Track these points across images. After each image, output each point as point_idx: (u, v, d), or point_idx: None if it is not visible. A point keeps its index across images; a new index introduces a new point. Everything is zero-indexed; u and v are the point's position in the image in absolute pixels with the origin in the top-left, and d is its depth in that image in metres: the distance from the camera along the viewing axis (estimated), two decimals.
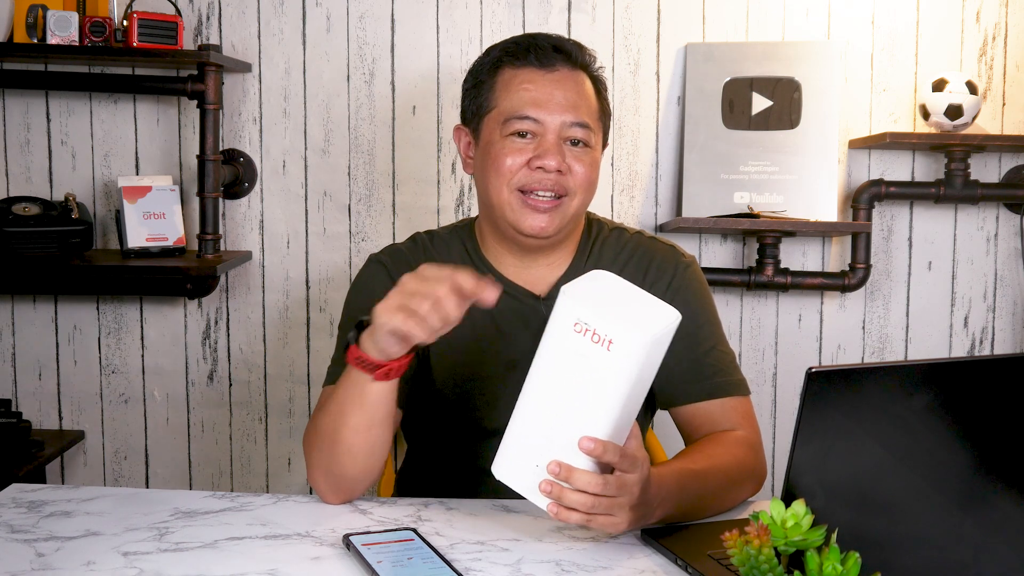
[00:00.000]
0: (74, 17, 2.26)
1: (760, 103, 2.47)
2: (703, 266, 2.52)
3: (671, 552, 1.20)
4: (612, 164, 2.52)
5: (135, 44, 2.28)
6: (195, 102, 2.39)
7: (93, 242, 2.42)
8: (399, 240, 2.50)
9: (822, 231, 2.47)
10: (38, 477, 2.32)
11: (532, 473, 1.16)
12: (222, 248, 2.50)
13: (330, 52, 2.49)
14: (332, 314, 2.53)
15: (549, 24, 2.48)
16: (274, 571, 1.16)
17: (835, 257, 2.56)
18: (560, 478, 1.14)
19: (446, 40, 2.49)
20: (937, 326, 2.58)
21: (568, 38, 1.54)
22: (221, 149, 2.44)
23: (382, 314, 1.21)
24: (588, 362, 1.10)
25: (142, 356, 2.55)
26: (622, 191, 2.53)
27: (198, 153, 2.37)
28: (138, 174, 2.50)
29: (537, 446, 1.15)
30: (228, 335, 2.55)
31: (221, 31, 2.48)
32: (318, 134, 2.51)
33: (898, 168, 2.55)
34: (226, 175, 2.44)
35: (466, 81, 1.55)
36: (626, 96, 2.51)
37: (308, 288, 2.54)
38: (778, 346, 2.57)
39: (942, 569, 1.06)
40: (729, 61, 2.48)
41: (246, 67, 2.47)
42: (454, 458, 1.56)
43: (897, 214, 2.56)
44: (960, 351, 2.59)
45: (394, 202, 2.52)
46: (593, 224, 1.59)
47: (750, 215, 2.43)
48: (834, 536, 0.92)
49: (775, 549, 0.93)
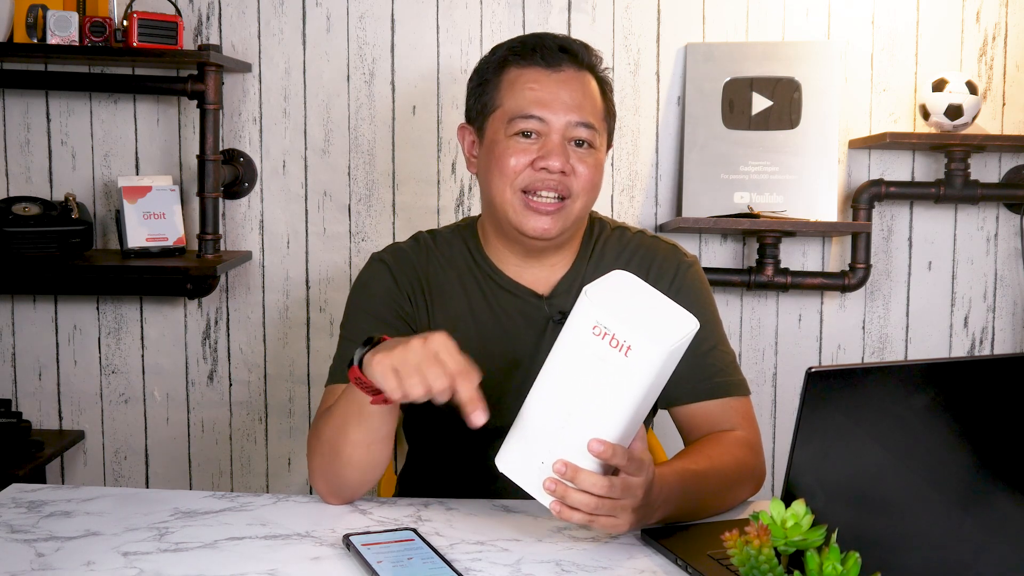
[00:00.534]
0: (74, 17, 2.26)
1: (760, 103, 2.47)
2: (703, 266, 2.51)
3: (671, 552, 1.20)
4: (612, 164, 2.52)
5: (135, 44, 2.28)
6: (195, 102, 2.39)
7: (93, 242, 2.42)
8: (399, 240, 2.51)
9: (822, 231, 2.47)
10: (38, 477, 2.32)
11: (537, 470, 1.16)
12: (222, 248, 2.50)
13: (330, 52, 2.49)
14: (332, 314, 2.53)
15: (549, 24, 2.48)
16: (274, 571, 1.16)
17: (835, 257, 2.56)
18: (566, 478, 1.14)
19: (446, 40, 2.49)
20: (937, 326, 2.58)
21: (575, 39, 1.54)
22: (221, 149, 2.44)
23: (377, 366, 1.17)
24: (604, 366, 1.10)
25: (142, 356, 2.55)
26: (622, 191, 2.53)
27: (198, 153, 2.37)
28: (138, 174, 2.50)
29: (544, 443, 1.15)
30: (228, 335, 2.55)
31: (221, 31, 2.48)
32: (318, 134, 2.51)
33: (898, 168, 2.55)
34: (226, 175, 2.44)
35: (471, 80, 1.54)
36: (626, 96, 2.51)
37: (308, 288, 2.54)
38: (778, 346, 2.57)
39: (942, 569, 1.06)
40: (729, 61, 2.48)
41: (246, 67, 2.47)
42: (455, 458, 1.56)
43: (897, 214, 2.56)
44: (960, 351, 2.59)
45: (394, 202, 2.52)
46: (596, 223, 1.59)
47: (750, 215, 2.43)
48: (834, 536, 0.92)
49: (775, 549, 0.93)
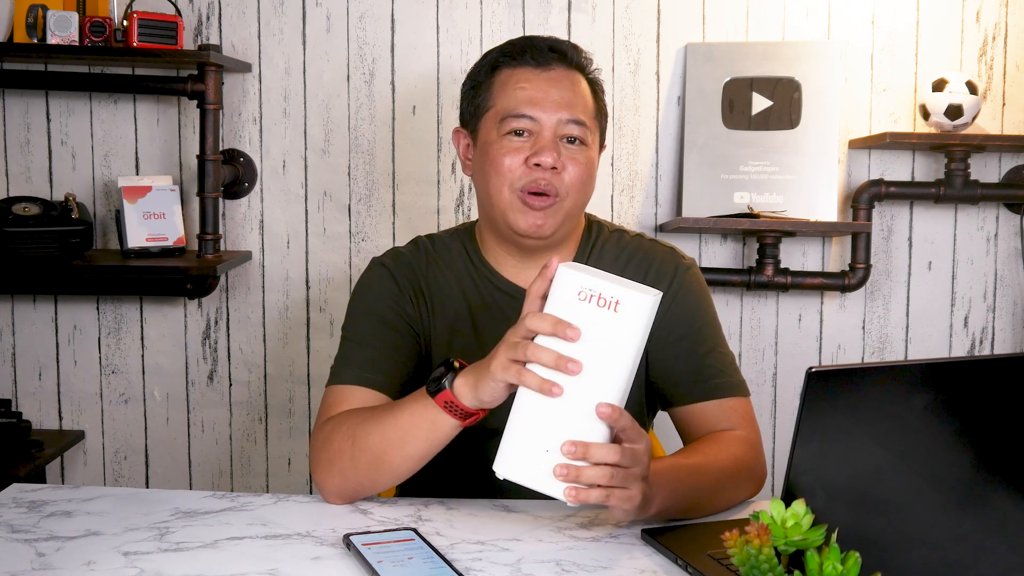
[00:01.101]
0: (74, 17, 2.26)
1: (760, 103, 2.47)
2: (703, 266, 2.52)
3: (671, 552, 1.20)
4: (612, 164, 2.52)
5: (135, 44, 2.28)
6: (195, 102, 2.39)
7: (93, 242, 2.42)
8: (399, 240, 2.52)
9: (822, 231, 2.47)
10: (38, 477, 2.32)
11: (543, 461, 1.15)
12: (222, 248, 2.51)
13: (330, 52, 2.49)
14: (332, 314, 2.53)
15: (549, 24, 2.48)
16: (274, 571, 1.16)
17: (835, 257, 2.56)
18: (577, 456, 1.13)
19: (446, 40, 2.49)
20: (937, 326, 2.58)
21: (565, 40, 1.55)
22: (221, 149, 2.44)
23: (498, 370, 1.19)
24: (596, 328, 1.13)
25: (142, 356, 2.55)
26: (622, 191, 2.53)
27: (198, 153, 2.37)
28: (138, 174, 2.50)
29: (545, 431, 1.15)
30: (228, 335, 2.55)
31: (221, 31, 2.48)
32: (318, 134, 2.51)
33: (898, 168, 2.55)
34: (226, 175, 2.44)
35: (464, 84, 1.56)
36: (626, 96, 2.51)
37: (308, 288, 2.54)
38: (778, 346, 2.57)
39: (942, 569, 1.06)
40: (729, 61, 2.48)
41: (246, 67, 2.47)
42: (457, 458, 1.56)
43: (897, 214, 2.56)
44: (960, 351, 2.59)
45: (394, 202, 2.52)
46: (593, 226, 1.59)
47: (750, 215, 2.43)
48: (834, 536, 0.92)
49: (775, 549, 0.93)
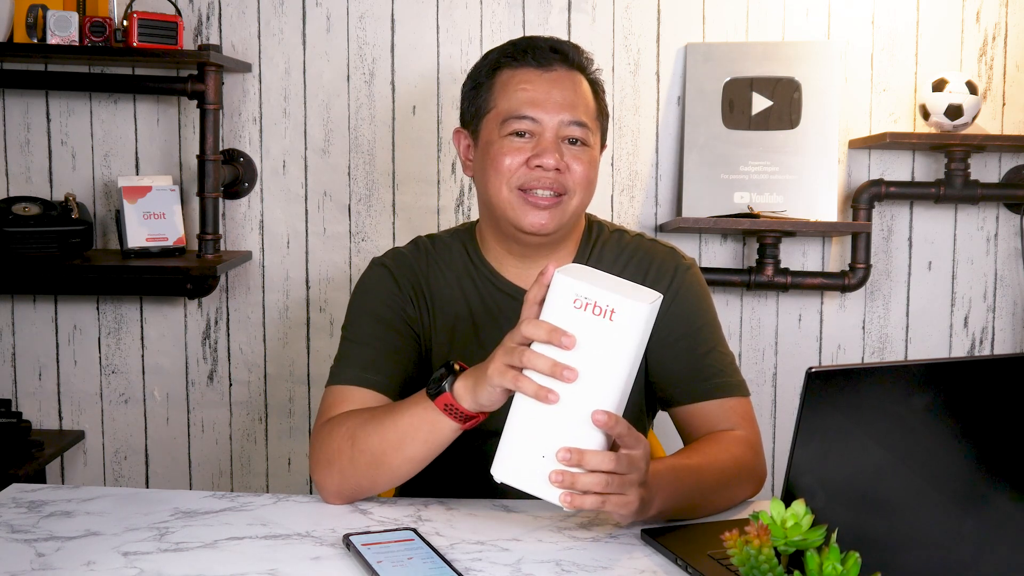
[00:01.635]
0: (74, 17, 2.26)
1: (760, 103, 2.47)
2: (703, 266, 2.52)
3: (671, 552, 1.20)
4: (612, 164, 2.52)
5: (135, 44, 2.28)
6: (195, 102, 2.39)
7: (93, 242, 2.42)
8: (399, 240, 2.52)
9: (822, 231, 2.47)
10: (38, 477, 2.32)
11: (539, 466, 1.15)
12: (222, 248, 2.50)
13: (330, 52, 2.49)
14: (332, 314, 2.53)
15: (549, 24, 2.48)
16: (274, 571, 1.16)
17: (835, 257, 2.56)
18: (572, 463, 1.14)
19: (446, 40, 2.49)
20: (937, 326, 2.58)
21: (566, 40, 1.55)
22: (221, 149, 2.44)
23: (495, 375, 1.19)
24: (592, 336, 1.13)
25: (142, 356, 2.55)
26: (622, 191, 2.53)
27: (198, 153, 2.37)
28: (138, 174, 2.50)
29: (541, 436, 1.15)
30: (228, 335, 2.55)
31: (221, 31, 2.48)
32: (318, 134, 2.51)
33: (898, 168, 2.55)
34: (226, 175, 2.44)
35: (465, 84, 1.56)
36: (626, 96, 2.51)
37: (308, 288, 2.54)
38: (778, 346, 2.57)
39: (942, 569, 1.06)
40: (729, 61, 2.48)
41: (246, 67, 2.47)
42: (456, 459, 1.56)
43: (897, 214, 2.56)
44: (960, 351, 2.59)
45: (394, 202, 2.52)
46: (594, 226, 1.59)
47: (750, 215, 2.43)
48: (834, 536, 0.92)
49: (775, 549, 0.93)
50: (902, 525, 1.04)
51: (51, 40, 2.25)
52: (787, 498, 0.96)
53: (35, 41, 2.27)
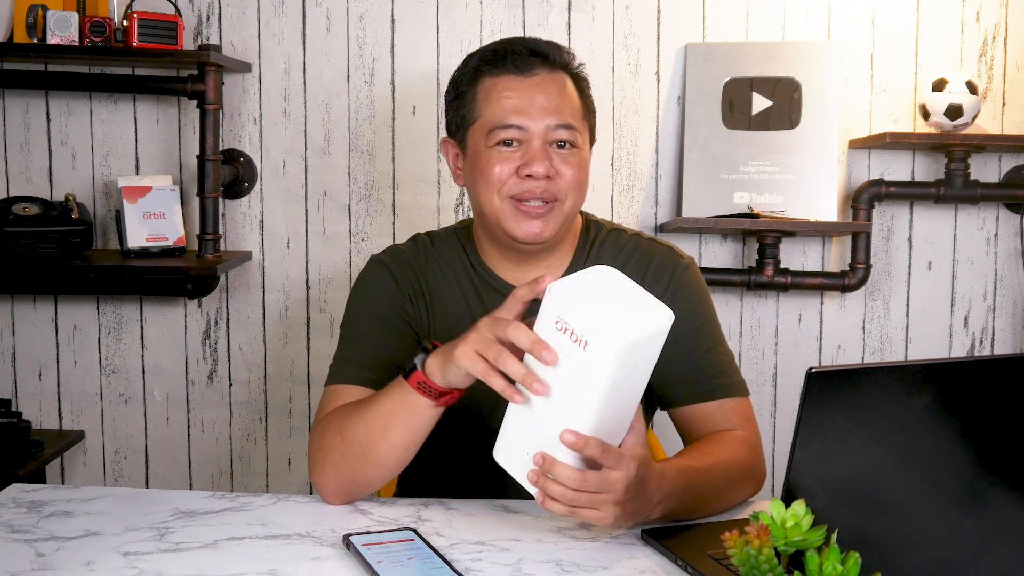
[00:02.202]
0: (74, 17, 2.26)
1: (760, 103, 2.47)
2: (703, 266, 2.52)
3: (671, 552, 1.20)
4: (612, 164, 2.52)
5: (135, 44, 2.28)
6: (195, 102, 2.39)
7: (93, 242, 2.42)
8: (399, 240, 2.51)
9: (822, 231, 2.47)
10: (38, 477, 2.32)
11: (523, 461, 1.17)
12: (222, 248, 2.50)
13: (330, 52, 2.49)
14: (332, 314, 2.53)
15: (549, 24, 2.48)
16: (274, 571, 1.16)
17: (835, 257, 2.56)
18: (544, 469, 1.15)
19: (446, 40, 2.49)
20: (937, 326, 2.58)
21: (545, 40, 1.53)
22: (221, 149, 2.44)
23: (462, 358, 1.20)
24: (569, 360, 1.11)
25: (142, 356, 2.55)
26: (622, 191, 2.53)
27: (198, 153, 2.37)
28: (138, 174, 2.50)
29: (527, 436, 1.17)
30: (228, 335, 2.55)
31: (221, 31, 2.48)
32: (318, 134, 2.51)
33: (898, 168, 2.55)
34: (226, 175, 2.44)
35: (447, 93, 1.55)
36: (626, 96, 2.51)
37: (308, 288, 2.54)
38: (778, 346, 2.57)
39: (942, 569, 1.06)
40: (729, 61, 2.48)
41: (246, 67, 2.47)
42: (455, 458, 1.56)
43: (897, 214, 2.56)
44: (960, 351, 2.59)
45: (394, 202, 2.52)
46: (591, 225, 1.59)
47: (750, 215, 2.43)
48: (834, 536, 0.92)
49: (775, 549, 0.93)
50: (902, 525, 1.04)
51: (51, 40, 2.25)
52: (787, 498, 0.96)
53: (35, 41, 2.27)
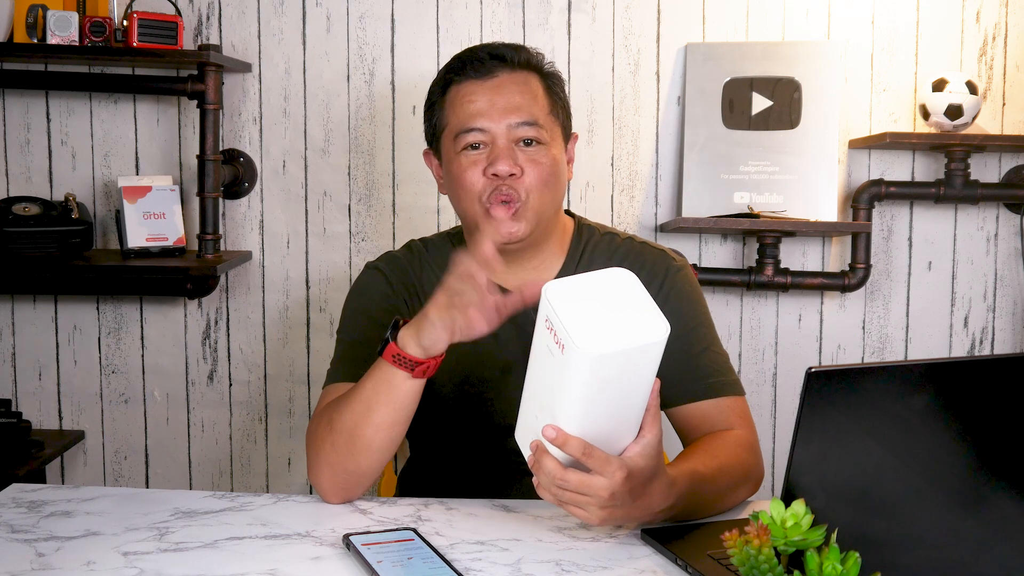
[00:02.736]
0: (74, 17, 2.26)
1: (760, 103, 2.47)
2: (703, 266, 2.52)
3: (671, 552, 1.20)
4: (612, 164, 2.52)
5: (135, 44, 2.28)
6: (195, 102, 2.39)
7: (93, 242, 2.42)
8: (399, 240, 2.52)
9: (822, 231, 2.47)
10: (38, 477, 2.32)
11: (526, 446, 1.20)
12: (222, 248, 2.50)
13: (330, 52, 2.49)
14: (332, 314, 2.53)
15: (549, 24, 2.48)
16: (274, 571, 1.16)
17: (835, 257, 2.56)
18: (536, 457, 1.17)
19: (446, 40, 2.49)
20: (937, 326, 2.58)
21: (509, 43, 1.54)
22: (221, 149, 2.44)
23: (433, 311, 1.25)
24: (553, 360, 1.12)
25: (142, 356, 2.55)
26: (622, 191, 2.53)
27: (198, 153, 2.37)
28: (138, 174, 2.50)
29: (530, 422, 1.19)
30: (228, 335, 2.55)
31: (221, 31, 2.48)
32: (318, 134, 2.51)
33: (898, 168, 2.55)
34: (226, 175, 2.44)
35: (424, 105, 1.57)
36: (626, 96, 2.51)
37: (308, 288, 2.54)
38: (778, 346, 2.57)
39: (942, 569, 1.06)
40: (729, 61, 2.48)
41: (246, 67, 2.47)
42: (456, 458, 1.56)
43: (897, 214, 2.56)
44: (960, 351, 2.59)
45: (394, 202, 2.52)
46: (584, 229, 1.59)
47: (750, 215, 2.43)
48: (834, 536, 0.92)
49: (775, 549, 0.93)
50: (902, 525, 1.04)
51: (51, 40, 2.25)
52: (787, 498, 0.96)
53: (35, 41, 2.27)
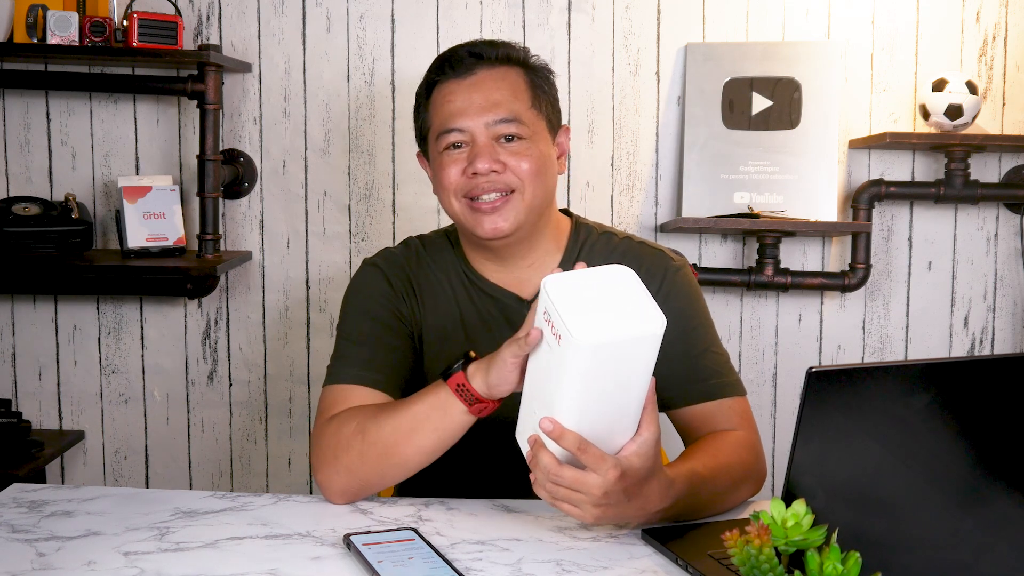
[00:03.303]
0: (74, 17, 2.26)
1: (760, 103, 2.47)
2: (703, 266, 2.52)
3: (671, 552, 1.20)
4: (612, 164, 2.52)
5: (135, 44, 2.28)
6: (195, 102, 2.39)
7: (93, 242, 2.43)
8: (399, 240, 2.51)
9: (822, 231, 2.47)
10: (38, 477, 2.32)
11: (525, 442, 1.21)
12: (222, 248, 2.51)
13: (330, 52, 2.49)
14: (332, 314, 2.53)
15: (549, 24, 2.48)
16: (274, 571, 1.16)
17: (835, 257, 2.56)
18: (533, 451, 1.18)
19: (446, 40, 2.49)
20: (937, 326, 2.58)
21: (490, 40, 1.54)
22: (221, 149, 2.44)
23: (508, 350, 1.22)
24: (550, 352, 1.13)
25: (142, 356, 2.55)
26: (622, 191, 2.53)
27: (198, 153, 2.37)
28: (138, 174, 2.50)
29: (530, 419, 1.19)
30: (228, 335, 2.55)
31: (221, 31, 2.48)
32: (318, 134, 2.51)
33: (898, 168, 2.55)
34: (226, 175, 2.44)
35: (413, 107, 1.57)
36: (626, 96, 2.51)
37: (308, 288, 2.54)
38: (778, 346, 2.57)
39: (942, 569, 1.06)
40: (729, 61, 2.48)
41: (246, 67, 2.47)
42: (456, 458, 1.56)
43: (897, 214, 2.56)
44: (960, 351, 2.59)
45: (394, 202, 2.52)
46: (581, 228, 1.58)
47: (750, 215, 2.43)
48: (834, 536, 0.92)
49: (775, 549, 0.93)
50: (902, 525, 1.04)
51: (51, 40, 2.25)
52: (787, 498, 0.96)
53: (35, 41, 2.27)
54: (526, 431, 1.21)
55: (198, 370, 2.55)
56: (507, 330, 1.50)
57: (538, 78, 1.52)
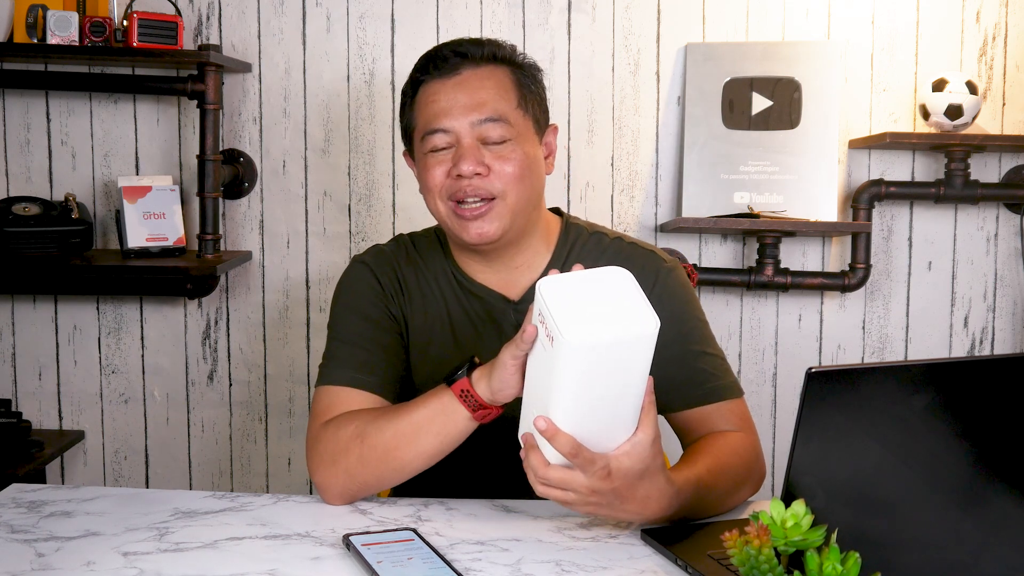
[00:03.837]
0: (74, 17, 2.26)
1: (760, 103, 2.47)
2: (703, 266, 2.52)
3: (671, 552, 1.20)
4: (612, 164, 2.52)
5: (135, 44, 2.28)
6: (195, 102, 2.39)
7: (93, 242, 2.42)
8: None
9: (822, 231, 2.47)
10: (38, 477, 2.32)
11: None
12: (222, 248, 2.51)
13: (330, 52, 2.49)
14: None
15: (549, 24, 2.48)
16: (274, 571, 1.16)
17: (835, 257, 2.56)
18: (525, 450, 1.19)
19: (446, 40, 2.48)
20: (937, 326, 2.58)
21: (475, 38, 1.52)
22: (221, 149, 2.44)
23: (507, 352, 1.22)
24: (544, 353, 1.14)
25: (142, 356, 2.55)
26: (622, 191, 2.53)
27: (198, 153, 2.37)
28: (138, 174, 2.50)
29: (528, 418, 1.20)
30: (228, 335, 2.55)
31: (221, 31, 2.48)
32: (318, 134, 2.51)
33: (898, 168, 2.55)
34: (226, 175, 2.44)
35: (399, 107, 1.56)
36: (626, 96, 2.51)
37: (308, 288, 2.54)
38: (778, 346, 2.57)
39: (942, 569, 1.06)
40: (729, 61, 2.48)
41: (246, 67, 2.47)
42: (455, 458, 1.56)
43: (897, 214, 2.56)
44: (960, 351, 2.59)
45: (394, 202, 2.52)
46: (571, 228, 1.56)
47: (750, 215, 2.43)
48: (834, 536, 0.92)
49: (775, 549, 0.93)
50: (902, 525, 1.04)
51: (51, 40, 2.25)
52: (787, 498, 0.96)
53: (35, 41, 2.27)
54: (522, 428, 1.21)
55: (198, 370, 2.55)
56: (494, 331, 1.50)
57: (525, 77, 1.50)
